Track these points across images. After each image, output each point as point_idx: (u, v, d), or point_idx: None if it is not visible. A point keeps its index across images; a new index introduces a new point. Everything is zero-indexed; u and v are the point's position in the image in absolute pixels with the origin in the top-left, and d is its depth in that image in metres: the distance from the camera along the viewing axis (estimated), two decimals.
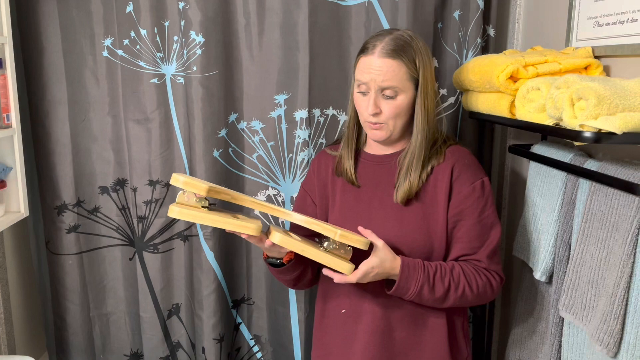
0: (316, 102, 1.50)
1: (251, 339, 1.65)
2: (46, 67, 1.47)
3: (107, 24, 1.47)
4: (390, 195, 1.17)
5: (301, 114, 1.49)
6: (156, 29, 1.46)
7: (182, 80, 1.48)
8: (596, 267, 1.04)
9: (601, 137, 0.91)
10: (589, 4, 1.21)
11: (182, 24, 1.44)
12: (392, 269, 1.07)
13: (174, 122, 1.52)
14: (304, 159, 1.52)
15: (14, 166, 1.36)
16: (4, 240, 1.48)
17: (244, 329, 1.65)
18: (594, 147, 1.19)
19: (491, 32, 1.53)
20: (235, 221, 1.07)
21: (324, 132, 1.52)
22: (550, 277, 1.22)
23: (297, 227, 1.16)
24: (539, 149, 1.29)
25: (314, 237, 1.17)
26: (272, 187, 1.55)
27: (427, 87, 1.13)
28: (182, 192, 1.08)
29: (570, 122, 0.95)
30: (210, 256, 1.54)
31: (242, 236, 1.08)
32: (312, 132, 1.51)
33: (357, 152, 1.24)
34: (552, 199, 1.20)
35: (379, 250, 1.06)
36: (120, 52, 1.48)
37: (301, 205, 1.31)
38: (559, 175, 1.18)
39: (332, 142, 1.38)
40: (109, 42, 1.48)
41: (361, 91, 1.13)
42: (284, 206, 1.55)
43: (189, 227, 1.56)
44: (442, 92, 1.53)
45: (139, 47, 1.47)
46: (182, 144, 1.52)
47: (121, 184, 1.56)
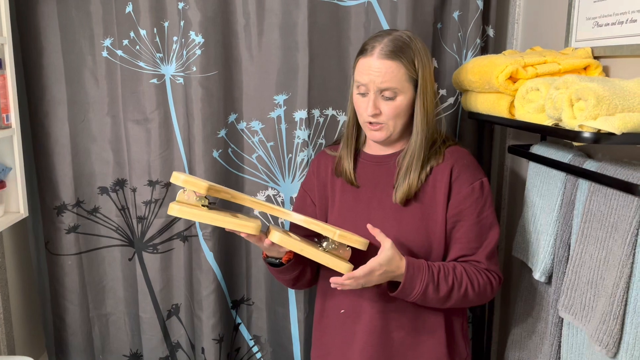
0: (316, 103, 1.50)
1: (251, 340, 1.65)
2: (46, 68, 1.47)
3: (107, 24, 1.47)
4: (389, 195, 1.17)
5: (301, 115, 1.49)
6: (156, 29, 1.46)
7: (181, 80, 1.48)
8: (595, 268, 1.04)
9: (600, 137, 0.91)
10: (588, 5, 1.21)
11: (182, 24, 1.44)
12: (398, 269, 1.06)
13: (173, 123, 1.52)
14: (303, 159, 1.52)
15: (14, 166, 1.36)
16: (4, 240, 1.48)
17: (243, 329, 1.65)
18: (593, 148, 1.19)
19: (490, 32, 1.53)
20: (234, 220, 1.07)
21: (323, 133, 1.52)
22: (549, 277, 1.22)
23: (296, 227, 1.17)
24: (538, 150, 1.29)
25: (314, 237, 1.17)
26: (272, 188, 1.55)
27: (427, 88, 1.13)
28: (182, 190, 1.08)
29: (569, 123, 0.96)
30: (209, 256, 1.54)
31: (241, 235, 1.09)
32: (312, 132, 1.51)
33: (357, 152, 1.25)
34: (552, 200, 1.20)
35: (388, 249, 1.04)
36: (119, 52, 1.48)
37: (301, 205, 1.31)
38: (559, 175, 1.18)
39: (332, 143, 1.38)
40: (108, 42, 1.48)
41: (360, 92, 1.13)
42: (283, 206, 1.55)
43: (189, 228, 1.56)
44: (442, 92, 1.53)
45: (138, 47, 1.47)
46: (182, 145, 1.52)
47: (121, 184, 1.56)
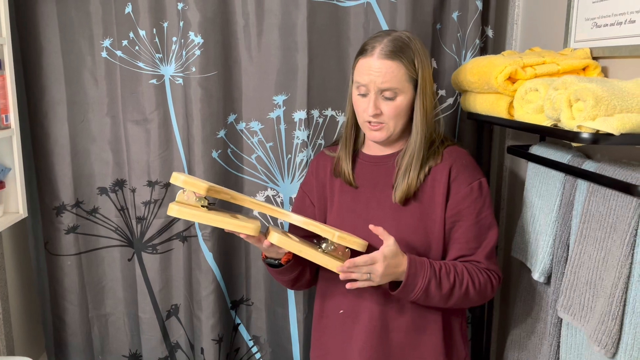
0: (315, 103, 1.50)
1: (250, 340, 1.65)
2: (45, 68, 1.47)
3: (106, 24, 1.47)
4: (388, 195, 1.17)
5: (300, 115, 1.49)
6: (155, 29, 1.46)
7: (181, 81, 1.48)
8: (594, 268, 1.04)
9: (599, 138, 0.91)
10: (587, 5, 1.21)
11: (181, 24, 1.44)
12: (400, 265, 1.05)
13: (172, 123, 1.52)
14: (302, 160, 1.52)
15: (13, 167, 1.36)
16: (3, 241, 1.48)
17: (242, 329, 1.65)
18: (592, 148, 1.19)
19: (490, 33, 1.53)
20: (234, 221, 1.07)
21: (322, 133, 1.52)
22: (548, 277, 1.22)
23: (296, 228, 1.17)
24: (537, 150, 1.29)
25: (313, 238, 1.17)
26: (271, 188, 1.55)
27: (426, 88, 1.13)
28: (182, 191, 1.08)
29: (568, 123, 0.96)
30: (209, 257, 1.54)
31: (240, 236, 1.09)
32: (311, 132, 1.51)
33: (355, 153, 1.25)
34: (551, 200, 1.20)
35: (391, 244, 1.04)
36: (119, 52, 1.48)
37: (300, 206, 1.31)
38: (557, 176, 1.19)
39: (331, 143, 1.38)
40: (107, 42, 1.48)
41: (361, 93, 1.13)
42: (282, 207, 1.55)
43: (188, 228, 1.56)
44: (441, 93, 1.53)
45: (137, 47, 1.47)
46: (181, 145, 1.52)
47: (120, 184, 1.56)
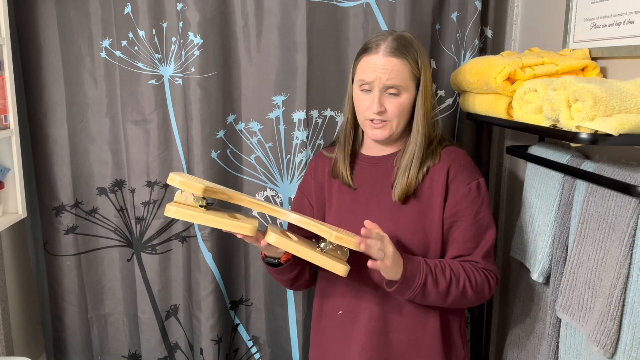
0: (314, 103, 1.50)
1: (249, 340, 1.65)
2: (44, 68, 1.47)
3: (105, 25, 1.47)
4: (387, 196, 1.17)
5: (299, 115, 1.49)
6: (154, 30, 1.46)
7: (180, 81, 1.48)
8: (593, 268, 1.04)
9: (597, 138, 0.91)
10: (585, 6, 1.22)
11: (181, 25, 1.44)
12: (399, 260, 1.05)
13: (172, 123, 1.52)
14: (302, 160, 1.52)
15: (12, 167, 1.36)
16: (2, 241, 1.48)
17: (242, 330, 1.65)
18: (591, 149, 1.20)
19: (489, 33, 1.53)
20: (231, 221, 1.07)
21: (322, 133, 1.52)
22: (547, 278, 1.22)
23: (296, 228, 1.16)
24: (536, 150, 1.29)
25: (313, 237, 1.17)
26: (270, 189, 1.55)
27: (427, 87, 1.14)
28: (180, 191, 1.08)
29: (566, 124, 0.96)
30: (208, 257, 1.54)
31: (238, 236, 1.08)
32: (310, 133, 1.51)
33: (353, 154, 1.24)
34: (550, 200, 1.20)
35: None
36: (118, 53, 1.48)
37: (298, 207, 1.31)
38: (556, 176, 1.19)
39: (329, 144, 1.38)
40: (107, 43, 1.48)
41: (364, 90, 1.14)
42: (282, 207, 1.55)
43: (187, 228, 1.56)
44: (440, 93, 1.53)
45: (137, 48, 1.47)
46: (180, 145, 1.52)
47: (119, 185, 1.56)
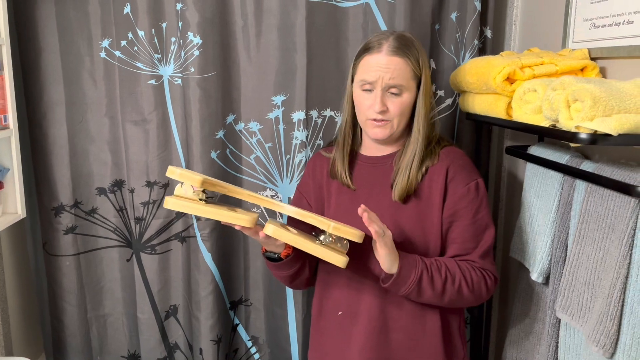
0: (314, 104, 1.50)
1: (249, 340, 1.65)
2: (44, 69, 1.47)
3: (105, 25, 1.47)
4: (386, 196, 1.17)
5: (299, 115, 1.49)
6: (154, 30, 1.46)
7: (179, 81, 1.48)
8: (592, 268, 1.04)
9: (597, 138, 0.91)
10: (585, 6, 1.22)
11: (180, 25, 1.44)
12: (395, 253, 1.06)
13: (171, 124, 1.52)
14: (301, 160, 1.52)
15: (11, 167, 1.36)
16: (1, 241, 1.48)
17: (241, 330, 1.65)
18: (591, 149, 1.20)
19: (488, 33, 1.54)
20: (228, 213, 1.07)
21: (321, 134, 1.52)
22: (547, 278, 1.22)
23: (296, 223, 1.16)
24: (535, 151, 1.29)
25: (312, 231, 1.16)
26: (270, 189, 1.55)
27: (428, 87, 1.15)
28: (180, 184, 1.09)
29: (566, 124, 0.96)
30: (207, 257, 1.53)
31: (236, 227, 1.08)
32: (310, 133, 1.51)
33: (352, 154, 1.24)
34: (549, 200, 1.20)
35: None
36: (117, 53, 1.48)
37: (297, 207, 1.31)
38: (556, 176, 1.19)
39: (327, 144, 1.38)
40: (106, 43, 1.48)
41: (366, 89, 1.14)
42: (280, 201, 1.55)
43: (187, 229, 1.56)
44: (440, 93, 1.53)
45: (136, 48, 1.47)
46: (180, 145, 1.52)
47: (119, 185, 1.56)
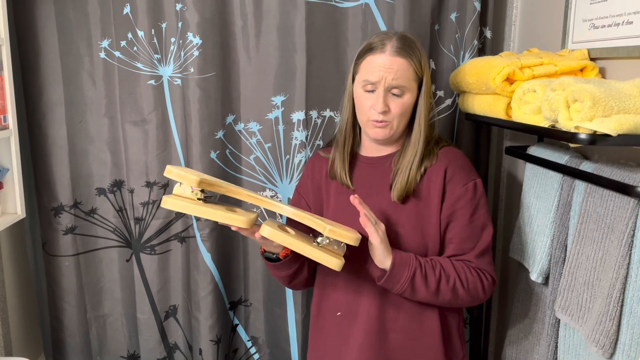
0: (313, 104, 1.50)
1: (248, 341, 1.65)
2: (43, 69, 1.47)
3: (104, 25, 1.47)
4: (385, 196, 1.17)
5: (298, 116, 1.49)
6: (153, 30, 1.46)
7: (179, 81, 1.48)
8: (592, 269, 1.04)
9: (596, 138, 0.91)
10: (584, 7, 1.22)
11: (180, 25, 1.44)
12: (389, 249, 1.07)
13: (171, 124, 1.52)
14: (301, 161, 1.52)
15: (11, 167, 1.36)
16: (1, 241, 1.48)
17: (241, 330, 1.65)
18: (590, 149, 1.20)
19: (488, 34, 1.54)
20: (225, 213, 1.06)
21: (321, 134, 1.52)
22: (546, 278, 1.22)
23: (296, 223, 1.16)
24: (535, 151, 1.29)
25: (312, 233, 1.16)
26: (269, 189, 1.55)
27: (428, 88, 1.15)
28: (178, 184, 1.09)
29: (565, 124, 0.96)
30: (207, 258, 1.53)
31: (233, 228, 1.08)
32: (309, 133, 1.51)
33: (351, 154, 1.24)
34: (548, 201, 1.20)
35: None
36: (117, 53, 1.48)
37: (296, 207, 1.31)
38: (555, 176, 1.19)
39: (326, 145, 1.38)
40: (106, 43, 1.48)
41: (368, 90, 1.13)
42: (278, 201, 1.55)
43: (186, 229, 1.56)
44: (439, 94, 1.53)
45: (136, 48, 1.47)
46: (179, 146, 1.52)
47: (118, 185, 1.56)
